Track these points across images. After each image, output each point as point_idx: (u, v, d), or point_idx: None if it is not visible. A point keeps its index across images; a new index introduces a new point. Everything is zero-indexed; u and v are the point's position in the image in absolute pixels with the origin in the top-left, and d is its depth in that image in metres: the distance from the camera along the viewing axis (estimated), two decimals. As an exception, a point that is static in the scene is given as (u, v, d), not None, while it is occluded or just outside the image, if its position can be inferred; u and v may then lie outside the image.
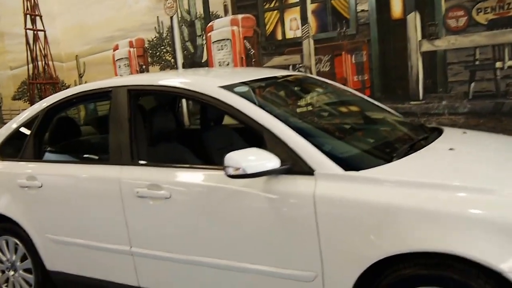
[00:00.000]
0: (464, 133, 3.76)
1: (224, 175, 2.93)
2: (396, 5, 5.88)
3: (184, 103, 7.06)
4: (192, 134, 4.53)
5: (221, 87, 3.39)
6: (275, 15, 6.80)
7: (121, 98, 3.74)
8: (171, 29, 7.88)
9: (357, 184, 2.76)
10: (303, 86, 4.33)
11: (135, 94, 3.76)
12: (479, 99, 5.50)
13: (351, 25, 6.19)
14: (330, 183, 2.81)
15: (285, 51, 6.76)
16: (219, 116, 4.74)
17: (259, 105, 3.25)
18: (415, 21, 5.75)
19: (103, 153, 3.97)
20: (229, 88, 3.39)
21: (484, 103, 5.48)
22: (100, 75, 8.63)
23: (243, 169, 2.83)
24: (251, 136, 4.56)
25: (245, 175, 2.85)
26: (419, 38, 5.76)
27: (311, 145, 2.95)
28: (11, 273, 4.38)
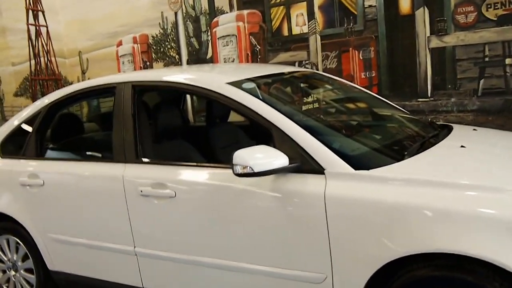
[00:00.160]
0: (474, 130, 3.71)
1: (231, 174, 2.87)
2: (404, 1, 5.82)
3: (189, 99, 6.98)
4: (198, 131, 4.48)
5: (228, 84, 3.33)
6: (281, 10, 6.73)
7: (125, 94, 3.68)
8: (175, 24, 7.81)
9: (368, 183, 2.71)
10: (311, 83, 4.28)
11: (139, 90, 3.71)
12: (489, 96, 5.45)
13: (358, 21, 6.13)
14: (340, 182, 2.76)
15: (292, 47, 6.70)
16: (225, 113, 4.70)
17: (267, 102, 3.19)
18: (423, 16, 5.69)
19: (106, 150, 3.91)
20: (236, 85, 3.34)
21: (493, 100, 5.43)
22: (103, 71, 8.54)
23: (251, 167, 2.77)
24: (257, 134, 4.56)
25: (253, 174, 2.79)
26: (428, 34, 5.70)
27: (321, 143, 2.90)
28: (12, 273, 4.34)
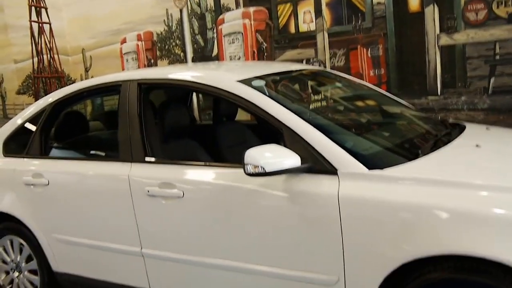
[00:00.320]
0: (487, 129, 3.65)
1: (241, 173, 2.81)
2: (414, -2, 5.78)
3: (194, 97, 6.92)
4: (205, 130, 4.42)
5: (238, 82, 3.26)
6: (288, 7, 6.67)
7: (131, 92, 3.62)
8: (180, 22, 7.76)
9: (383, 183, 2.65)
10: (321, 81, 4.20)
11: (146, 88, 3.64)
12: (499, 95, 5.39)
13: (367, 18, 6.08)
14: (354, 182, 2.70)
15: (299, 45, 6.65)
16: (232, 111, 4.63)
17: (277, 100, 3.13)
18: (433, 14, 5.63)
19: (112, 149, 3.85)
20: (246, 83, 3.27)
21: (504, 98, 5.37)
22: (107, 69, 8.52)
23: (262, 167, 2.72)
24: (265, 133, 4.50)
25: (265, 173, 2.73)
26: (437, 31, 5.64)
27: (333, 143, 2.84)
28: (16, 274, 4.27)
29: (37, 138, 4.11)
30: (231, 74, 3.53)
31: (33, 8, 9.42)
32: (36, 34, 9.46)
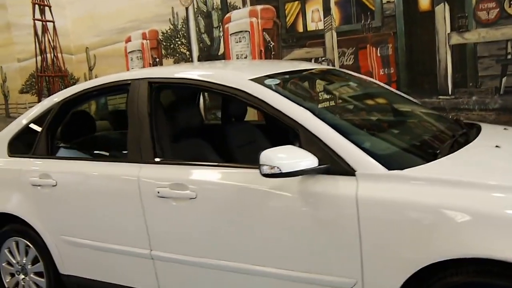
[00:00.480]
0: (505, 129, 3.59)
1: (256, 174, 2.77)
2: (424, -3, 5.71)
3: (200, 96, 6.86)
4: (214, 130, 4.36)
5: (251, 80, 3.19)
6: (296, 6, 6.59)
7: (141, 91, 3.56)
8: (186, 20, 7.68)
9: (403, 184, 2.60)
10: (334, 80, 4.14)
11: (156, 87, 3.57)
12: (511, 95, 5.30)
13: (376, 17, 6.00)
14: (373, 183, 2.65)
15: (307, 44, 6.57)
16: (242, 111, 4.58)
17: (292, 100, 3.07)
18: (444, 13, 5.55)
19: (121, 149, 3.79)
20: (259, 81, 3.21)
21: (516, 99, 5.30)
22: (111, 68, 8.46)
23: (279, 167, 2.67)
24: (274, 133, 4.45)
25: (281, 174, 2.68)
26: (448, 30, 5.56)
27: (351, 143, 2.78)
28: (21, 276, 4.21)
29: (43, 138, 4.04)
30: (243, 73, 3.47)
31: (36, 6, 9.35)
32: (39, 32, 9.39)
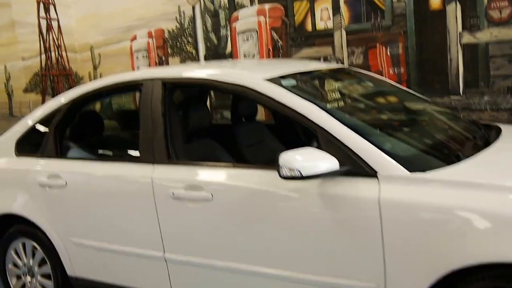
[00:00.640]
0: None
1: (275, 176, 2.71)
2: (435, -5, 5.66)
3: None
4: (223, 129, 4.30)
5: (267, 80, 3.12)
6: (305, 4, 6.54)
7: (154, 91, 3.48)
8: (193, 19, 7.63)
9: (426, 186, 2.54)
10: (349, 80, 4.06)
11: (170, 87, 3.51)
12: (524, 95, 5.27)
13: (386, 16, 5.96)
14: (396, 186, 2.59)
15: (316, 43, 6.52)
16: (252, 111, 4.52)
17: (310, 100, 2.99)
18: (455, 12, 5.51)
19: (132, 150, 3.73)
20: (276, 81, 3.13)
21: (528, 99, 5.24)
22: (116, 66, 8.43)
23: (299, 170, 2.61)
24: (284, 133, 4.40)
25: (301, 177, 2.63)
26: (460, 30, 5.52)
27: (372, 145, 2.72)
28: (28, 278, 4.14)
29: (52, 138, 3.96)
30: (258, 72, 3.38)
31: (41, 4, 9.29)
32: (44, 31, 9.32)
